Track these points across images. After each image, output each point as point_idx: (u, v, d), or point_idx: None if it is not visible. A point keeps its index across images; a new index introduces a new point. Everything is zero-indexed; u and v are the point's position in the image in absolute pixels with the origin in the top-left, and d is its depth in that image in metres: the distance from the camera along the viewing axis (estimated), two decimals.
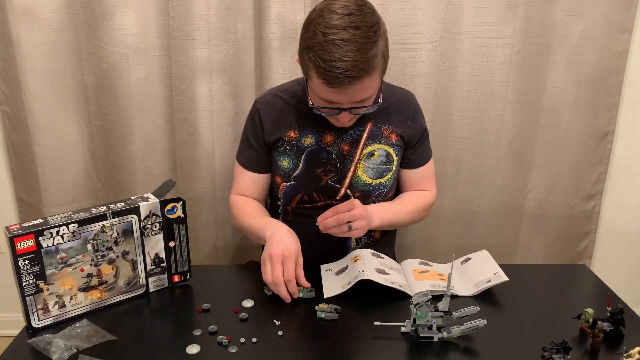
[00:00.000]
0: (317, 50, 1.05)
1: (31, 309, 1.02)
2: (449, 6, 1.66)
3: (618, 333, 1.01)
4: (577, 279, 1.28)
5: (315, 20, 1.07)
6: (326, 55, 1.04)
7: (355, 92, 1.09)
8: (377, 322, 1.01)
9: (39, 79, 1.67)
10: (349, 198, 1.32)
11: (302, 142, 1.30)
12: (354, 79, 1.05)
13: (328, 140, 1.30)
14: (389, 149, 1.32)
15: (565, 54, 1.72)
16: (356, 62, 1.03)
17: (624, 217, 1.97)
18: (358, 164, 1.31)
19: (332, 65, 1.03)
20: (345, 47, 1.03)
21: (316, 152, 1.30)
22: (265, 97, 1.35)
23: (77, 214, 1.05)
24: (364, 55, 1.04)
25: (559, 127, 1.80)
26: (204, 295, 1.16)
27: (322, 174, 1.31)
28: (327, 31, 1.04)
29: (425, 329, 1.00)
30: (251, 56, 1.72)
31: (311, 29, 1.08)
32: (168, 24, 1.64)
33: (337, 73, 1.04)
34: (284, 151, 1.31)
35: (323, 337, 1.02)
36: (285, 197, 1.35)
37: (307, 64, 1.10)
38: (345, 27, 1.03)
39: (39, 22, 1.62)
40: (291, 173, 1.32)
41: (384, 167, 1.33)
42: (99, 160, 1.82)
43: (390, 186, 1.36)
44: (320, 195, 1.33)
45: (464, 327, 1.00)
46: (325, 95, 1.12)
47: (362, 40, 1.04)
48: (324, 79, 1.06)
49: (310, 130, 1.30)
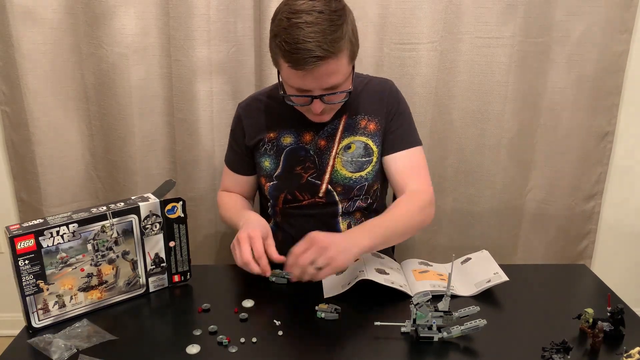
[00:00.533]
0: (282, 35, 1.07)
1: (31, 309, 1.02)
2: (449, 6, 1.66)
3: (618, 333, 1.01)
4: (577, 279, 1.28)
5: (281, 10, 1.10)
6: (290, 38, 1.06)
7: (322, 76, 1.10)
8: (377, 322, 1.01)
9: (39, 79, 1.68)
10: (331, 194, 1.32)
11: (282, 141, 1.32)
12: (319, 59, 1.06)
13: (307, 138, 1.31)
14: (367, 140, 1.30)
15: (565, 54, 1.72)
16: (319, 43, 1.05)
17: (624, 217, 1.97)
18: (336, 158, 1.30)
19: (297, 47, 1.05)
20: (308, 28, 1.05)
21: (295, 150, 1.31)
22: (246, 101, 1.39)
23: (77, 214, 1.05)
24: (328, 37, 1.05)
25: (559, 127, 1.80)
26: (204, 295, 1.16)
27: (302, 171, 1.31)
28: (291, 16, 1.06)
29: (425, 329, 1.00)
30: (251, 56, 1.72)
31: (277, 18, 1.10)
32: (168, 24, 1.64)
33: (302, 54, 1.05)
34: (265, 152, 1.33)
35: (323, 337, 1.02)
36: (271, 197, 1.37)
37: (275, 51, 1.12)
38: (308, 11, 1.06)
39: (39, 22, 1.62)
40: (272, 173, 1.33)
41: (363, 159, 1.30)
42: (99, 160, 1.82)
43: (372, 179, 1.32)
44: (303, 193, 1.33)
45: (464, 327, 1.00)
46: (295, 82, 1.12)
47: (325, 22, 1.06)
48: (290, 62, 1.08)
49: (289, 130, 1.31)
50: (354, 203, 1.34)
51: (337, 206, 1.33)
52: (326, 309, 1.08)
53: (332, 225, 1.35)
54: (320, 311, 1.07)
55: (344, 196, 1.32)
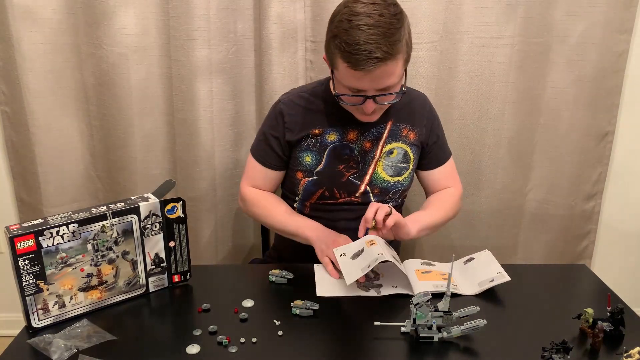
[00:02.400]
0: (343, 36, 1.10)
1: (31, 309, 1.02)
2: (449, 6, 1.66)
3: (618, 333, 1.01)
4: (577, 279, 1.28)
5: (341, 11, 1.14)
6: (351, 39, 1.09)
7: (379, 77, 1.13)
8: (377, 322, 1.01)
9: (39, 79, 1.67)
10: (367, 195, 1.35)
11: (326, 138, 1.33)
12: (378, 61, 1.09)
13: (351, 137, 1.33)
14: (407, 147, 1.37)
15: (565, 54, 1.72)
16: (380, 45, 1.08)
17: (624, 217, 1.97)
18: (378, 162, 1.35)
19: (357, 48, 1.08)
20: (369, 31, 1.08)
21: (339, 148, 1.33)
22: (289, 97, 1.37)
23: (77, 214, 1.05)
24: (388, 39, 1.09)
25: (559, 127, 1.80)
26: (204, 295, 1.16)
27: (344, 170, 1.34)
28: (352, 18, 1.10)
29: (425, 329, 1.00)
30: (251, 56, 1.72)
31: (337, 19, 1.14)
32: (168, 24, 1.64)
33: (362, 55, 1.08)
34: (307, 147, 1.33)
35: (323, 337, 1.02)
36: (306, 192, 1.37)
37: (333, 51, 1.15)
38: (369, 14, 1.09)
39: (39, 22, 1.62)
40: (313, 168, 1.34)
41: (401, 165, 1.36)
42: (99, 160, 1.82)
43: (407, 185, 1.39)
44: (341, 191, 1.35)
45: (464, 327, 1.00)
46: (351, 82, 1.15)
47: (385, 25, 1.09)
48: (350, 62, 1.10)
49: (334, 127, 1.33)
50: None
51: None
52: (301, 305, 1.09)
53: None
54: (295, 307, 1.08)
55: (379, 198, 1.36)
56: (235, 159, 1.81)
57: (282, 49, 1.67)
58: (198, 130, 1.73)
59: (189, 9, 1.61)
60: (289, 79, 1.70)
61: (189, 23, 1.62)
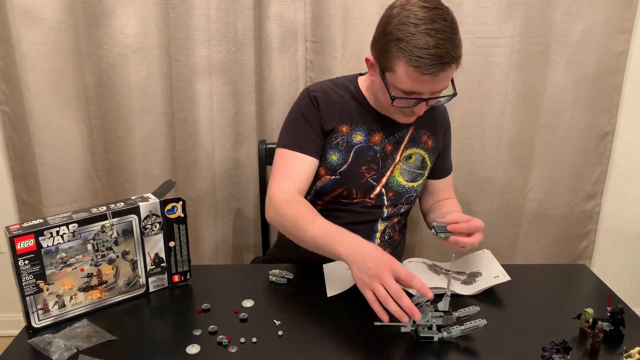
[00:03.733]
0: (410, 40, 1.10)
1: (31, 309, 1.02)
2: (449, 6, 1.65)
3: (618, 333, 1.01)
4: (577, 279, 1.28)
5: (399, 14, 1.13)
6: (421, 43, 1.09)
7: (441, 80, 1.14)
8: (377, 322, 1.01)
9: (39, 79, 1.68)
10: (382, 197, 1.35)
11: (353, 138, 1.32)
12: (446, 65, 1.11)
13: (376, 139, 1.33)
14: (425, 154, 1.37)
15: (565, 54, 1.72)
16: (448, 50, 1.10)
17: (624, 217, 1.97)
18: (397, 166, 1.35)
19: (428, 52, 1.09)
20: (437, 35, 1.09)
21: (364, 149, 1.32)
22: (321, 87, 1.34)
23: (77, 214, 1.05)
24: (453, 43, 1.11)
25: (559, 127, 1.80)
26: (204, 295, 1.16)
27: (366, 171, 1.33)
28: (417, 22, 1.10)
29: (425, 329, 1.00)
30: (251, 56, 1.72)
31: (396, 22, 1.12)
32: (168, 24, 1.64)
33: (433, 60, 1.09)
34: (336, 145, 1.31)
35: (323, 337, 1.02)
36: (324, 189, 1.34)
37: (393, 54, 1.13)
38: (434, 19, 1.10)
39: (39, 22, 1.62)
40: (338, 168, 1.32)
41: (418, 171, 1.37)
42: (99, 160, 1.82)
43: (419, 191, 1.40)
44: (358, 191, 1.34)
45: (464, 327, 1.00)
46: (411, 86, 1.15)
47: (450, 30, 1.11)
48: (418, 66, 1.10)
49: (361, 127, 1.32)
50: (398, 210, 1.38)
51: (383, 209, 1.36)
52: (277, 274, 1.17)
53: (371, 225, 1.37)
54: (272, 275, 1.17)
55: (392, 202, 1.36)
56: (235, 159, 1.81)
57: (282, 49, 1.67)
58: (198, 130, 1.73)
59: (189, 9, 1.61)
60: (289, 79, 1.70)
61: (189, 23, 1.62)
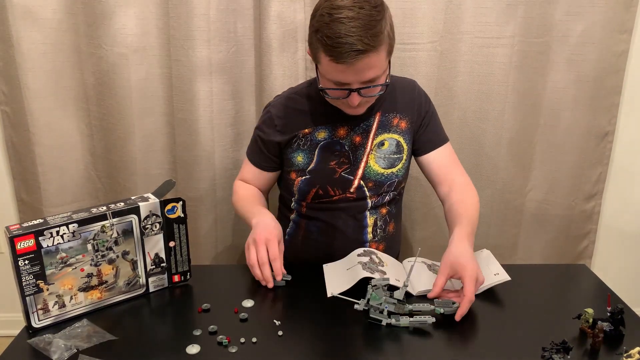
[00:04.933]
0: (324, 30, 1.10)
1: (31, 309, 1.02)
2: (449, 6, 1.66)
3: (618, 333, 1.01)
4: (577, 279, 1.28)
5: (321, 6, 1.14)
6: (332, 32, 1.09)
7: (362, 70, 1.13)
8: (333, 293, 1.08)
9: (39, 79, 1.67)
10: (362, 189, 1.35)
11: (316, 136, 1.33)
12: (360, 53, 1.09)
13: (341, 133, 1.33)
14: (399, 137, 1.35)
15: (565, 54, 1.72)
16: (361, 37, 1.08)
17: (624, 217, 1.97)
18: (370, 154, 1.34)
19: (339, 41, 1.08)
20: (350, 23, 1.08)
21: (330, 144, 1.33)
22: (278, 100, 1.39)
23: (77, 214, 1.05)
24: (369, 31, 1.08)
25: (559, 127, 1.80)
26: (204, 295, 1.16)
27: (336, 166, 1.33)
28: (332, 12, 1.10)
29: (377, 312, 1.04)
30: (251, 56, 1.72)
31: (318, 13, 1.14)
32: (168, 24, 1.64)
33: (344, 48, 1.08)
34: (298, 147, 1.34)
35: (323, 337, 1.02)
36: (300, 192, 1.37)
37: (315, 46, 1.15)
38: (349, 7, 1.09)
39: (39, 22, 1.62)
40: (306, 167, 1.34)
41: (394, 156, 1.35)
42: (99, 160, 1.82)
43: (402, 176, 1.38)
44: (335, 188, 1.35)
45: (413, 319, 1.03)
46: (334, 76, 1.15)
47: (366, 17, 1.09)
48: (332, 55, 1.10)
49: (324, 125, 1.33)
50: (382, 198, 1.37)
51: (366, 201, 1.36)
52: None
53: (360, 219, 1.37)
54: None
55: (374, 192, 1.36)
56: (235, 159, 1.81)
57: (282, 49, 1.67)
58: (198, 130, 1.73)
59: (189, 9, 1.61)
60: (289, 79, 1.70)
61: (189, 23, 1.62)
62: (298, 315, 1.09)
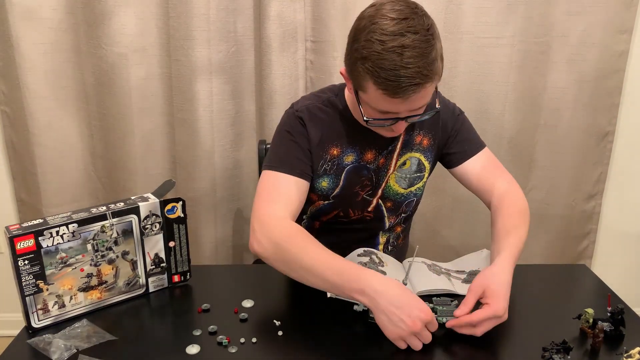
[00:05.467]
0: (375, 59, 0.98)
1: (31, 309, 1.02)
2: (449, 6, 1.66)
3: (618, 333, 1.01)
4: (577, 279, 1.28)
5: (367, 28, 1.00)
6: (387, 64, 0.97)
7: (417, 100, 1.03)
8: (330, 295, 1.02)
9: (39, 79, 1.68)
10: (380, 209, 1.29)
11: (344, 159, 1.22)
12: (418, 86, 0.99)
13: (368, 157, 1.23)
14: (421, 156, 1.28)
15: (566, 54, 1.72)
16: (419, 69, 0.97)
17: (624, 217, 1.97)
18: (391, 175, 1.27)
19: (395, 74, 0.97)
20: (406, 53, 0.96)
21: (357, 169, 1.23)
22: (308, 108, 1.21)
23: (77, 214, 1.05)
24: (426, 60, 0.98)
25: (559, 127, 1.80)
26: (204, 295, 1.16)
27: (359, 189, 1.25)
28: (384, 38, 0.97)
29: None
30: (251, 56, 1.72)
31: (364, 38, 1.00)
32: (168, 24, 1.64)
33: (401, 82, 0.97)
34: (324, 172, 1.22)
35: (323, 337, 1.02)
36: (319, 213, 1.28)
37: (361, 74, 1.02)
38: (403, 33, 0.97)
39: (39, 22, 1.62)
40: (330, 192, 1.24)
41: (415, 175, 1.28)
42: (99, 160, 1.82)
43: (420, 194, 1.31)
44: (356, 210, 1.28)
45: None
46: (384, 107, 1.04)
47: (422, 44, 0.98)
48: (386, 90, 0.99)
49: (353, 147, 1.22)
50: (400, 219, 1.32)
51: (384, 221, 1.31)
52: None
53: (373, 238, 1.32)
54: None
55: (392, 212, 1.30)
56: (235, 159, 1.81)
57: (282, 49, 1.67)
58: (198, 130, 1.73)
59: (189, 9, 1.61)
60: (289, 79, 1.70)
61: (189, 23, 1.62)
62: (298, 315, 1.09)
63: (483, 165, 1.29)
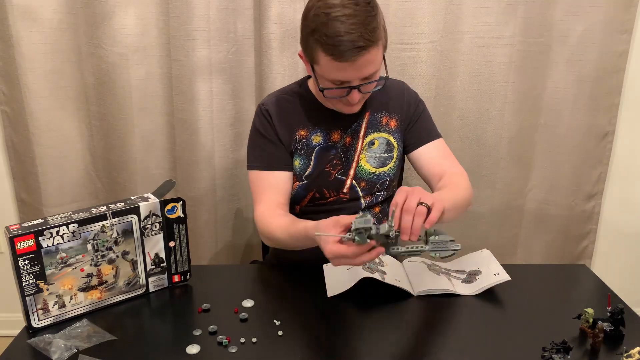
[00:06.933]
0: (322, 29, 1.09)
1: (31, 309, 1.02)
2: (449, 6, 1.66)
3: (618, 333, 1.01)
4: (577, 279, 1.28)
5: (314, 6, 1.12)
6: (332, 31, 1.08)
7: (363, 66, 1.12)
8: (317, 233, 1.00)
9: (39, 79, 1.67)
10: (355, 189, 1.34)
11: (312, 140, 1.32)
12: (361, 49, 1.09)
13: (335, 137, 1.32)
14: (389, 136, 1.35)
15: (565, 54, 1.72)
16: (361, 34, 1.08)
17: (624, 217, 1.97)
18: (361, 154, 1.34)
19: (339, 39, 1.08)
20: (348, 21, 1.08)
21: (325, 149, 1.32)
22: (270, 99, 1.35)
23: (77, 214, 1.05)
24: (367, 27, 1.08)
25: (559, 127, 1.80)
26: (204, 295, 1.16)
27: (330, 169, 1.33)
28: (328, 11, 1.09)
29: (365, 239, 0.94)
30: (251, 56, 1.72)
31: (312, 14, 1.12)
32: (168, 24, 1.64)
33: (345, 46, 1.08)
34: (296, 151, 1.32)
35: (323, 337, 1.02)
36: (297, 197, 1.35)
37: (312, 46, 1.14)
38: (344, 5, 1.09)
39: (39, 22, 1.62)
40: (303, 173, 1.32)
41: (385, 155, 1.35)
42: (99, 160, 1.82)
43: (393, 174, 1.37)
44: (330, 190, 1.34)
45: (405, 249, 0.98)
46: (335, 75, 1.14)
47: (363, 13, 1.09)
48: (333, 54, 1.10)
49: (319, 128, 1.32)
50: (376, 198, 1.37)
51: (360, 201, 1.35)
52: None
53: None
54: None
55: (367, 192, 1.35)
56: (235, 159, 1.81)
57: (282, 49, 1.67)
58: (198, 130, 1.73)
59: (189, 9, 1.61)
60: (289, 78, 1.70)
61: (189, 23, 1.62)
62: (298, 315, 1.09)
63: (438, 153, 1.37)
